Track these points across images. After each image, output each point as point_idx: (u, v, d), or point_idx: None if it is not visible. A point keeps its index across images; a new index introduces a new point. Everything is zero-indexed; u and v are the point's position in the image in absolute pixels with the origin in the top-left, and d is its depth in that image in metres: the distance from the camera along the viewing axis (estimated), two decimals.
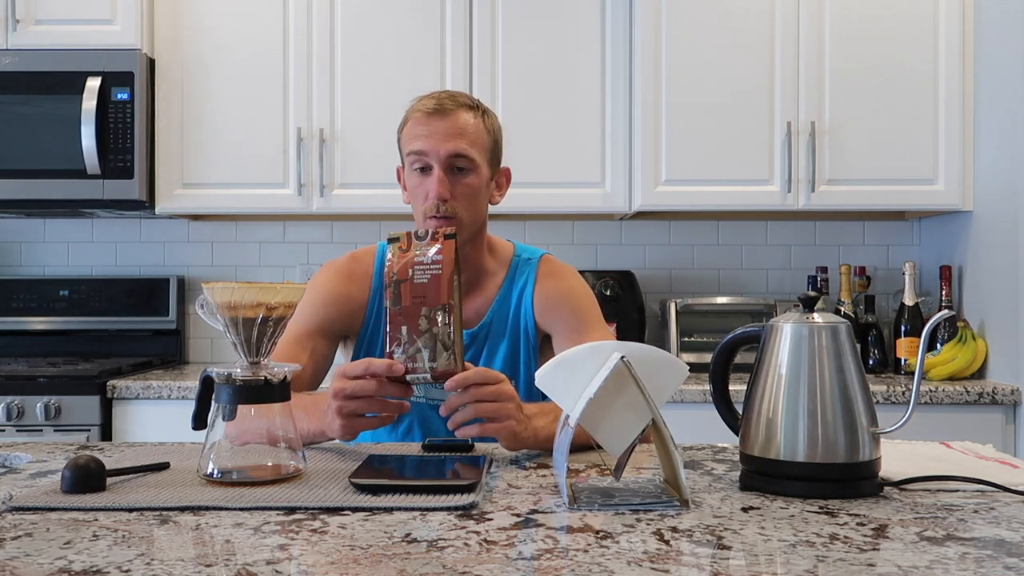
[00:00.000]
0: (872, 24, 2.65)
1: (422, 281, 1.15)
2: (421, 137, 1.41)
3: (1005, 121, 2.48)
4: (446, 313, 1.13)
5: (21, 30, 2.68)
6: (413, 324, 1.14)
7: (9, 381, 2.45)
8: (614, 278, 2.80)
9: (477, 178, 1.44)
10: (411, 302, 1.14)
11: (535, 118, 2.70)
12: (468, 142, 1.42)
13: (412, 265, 1.16)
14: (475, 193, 1.44)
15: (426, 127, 1.41)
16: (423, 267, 1.16)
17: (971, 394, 2.36)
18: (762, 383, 1.02)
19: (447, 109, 1.42)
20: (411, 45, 2.72)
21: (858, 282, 2.82)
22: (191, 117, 2.74)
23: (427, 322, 1.14)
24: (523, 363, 1.50)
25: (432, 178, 1.41)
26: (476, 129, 1.44)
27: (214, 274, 3.05)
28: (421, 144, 1.41)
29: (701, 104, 2.66)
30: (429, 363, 1.13)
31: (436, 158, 1.40)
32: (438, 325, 1.13)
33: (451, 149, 1.40)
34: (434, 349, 1.13)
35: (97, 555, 0.76)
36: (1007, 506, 0.94)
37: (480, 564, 0.74)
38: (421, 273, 1.15)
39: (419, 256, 1.16)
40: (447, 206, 1.40)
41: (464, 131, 1.42)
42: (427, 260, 1.16)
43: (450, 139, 1.41)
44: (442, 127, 1.41)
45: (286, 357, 1.39)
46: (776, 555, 0.77)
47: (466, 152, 1.42)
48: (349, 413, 1.14)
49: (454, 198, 1.41)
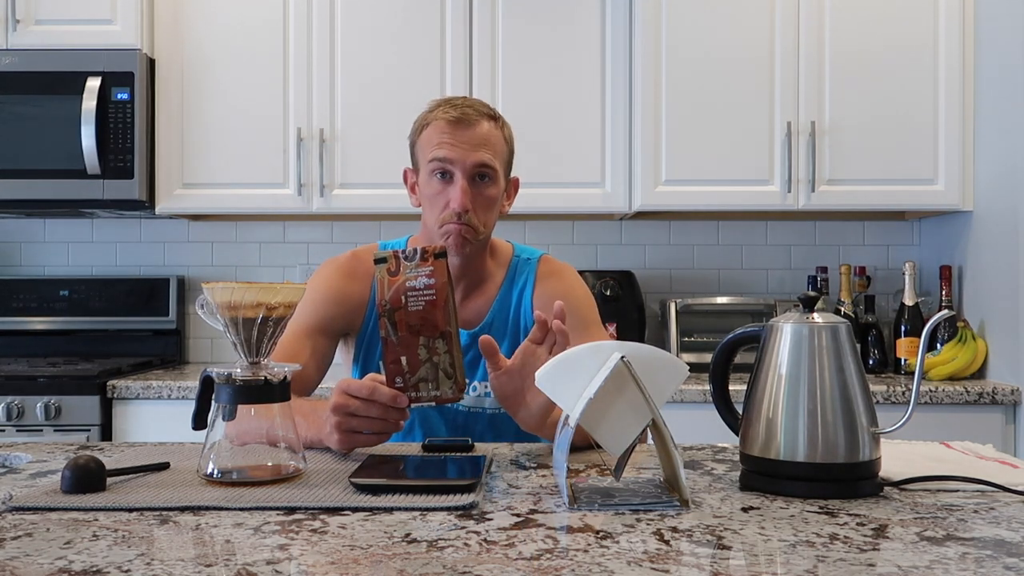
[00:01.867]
0: (872, 24, 2.65)
1: (417, 309, 1.12)
2: (446, 145, 1.41)
3: (1005, 121, 2.48)
4: (445, 340, 1.12)
5: (21, 30, 2.68)
6: (412, 354, 1.12)
7: (9, 381, 2.45)
8: (614, 278, 2.80)
9: (496, 189, 1.45)
10: (407, 332, 1.12)
11: (535, 118, 2.70)
12: (492, 153, 1.43)
13: (404, 292, 1.13)
14: (493, 204, 1.46)
15: (451, 136, 1.41)
16: (416, 293, 1.13)
17: (971, 394, 2.36)
18: (762, 383, 1.02)
19: (471, 119, 1.42)
20: (411, 45, 2.72)
21: (858, 282, 2.82)
22: (191, 117, 2.74)
23: (427, 351, 1.12)
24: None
25: (456, 187, 1.40)
26: (497, 140, 1.45)
27: (214, 274, 3.05)
28: (447, 152, 1.41)
29: (701, 104, 2.67)
30: (432, 392, 1.12)
31: (462, 168, 1.40)
32: (439, 354, 1.12)
33: (477, 160, 1.41)
34: (436, 379, 1.12)
35: (97, 555, 0.76)
36: (1007, 506, 0.94)
37: (480, 564, 0.74)
38: (415, 300, 1.13)
39: (410, 281, 1.13)
40: (467, 216, 1.41)
41: (488, 141, 1.43)
42: (420, 286, 1.13)
43: (476, 149, 1.41)
44: (467, 136, 1.41)
45: (287, 354, 1.39)
46: (776, 555, 0.77)
47: (491, 163, 1.42)
48: (348, 430, 1.15)
49: (474, 210, 1.41)
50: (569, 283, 1.55)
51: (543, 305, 1.51)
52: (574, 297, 1.52)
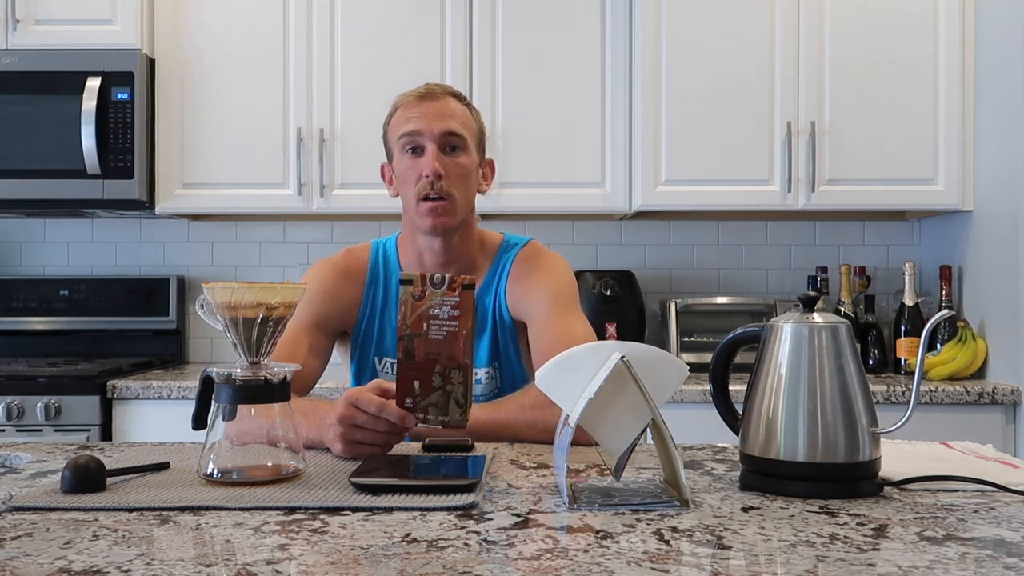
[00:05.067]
0: (872, 24, 2.65)
1: (437, 338, 1.10)
2: (414, 118, 1.44)
3: (1005, 121, 2.48)
4: (461, 372, 1.10)
5: (21, 30, 2.68)
6: (426, 380, 1.10)
7: (9, 381, 2.45)
8: (614, 278, 2.80)
9: (468, 159, 1.47)
10: (425, 358, 1.10)
11: (535, 118, 2.70)
12: (459, 123, 1.46)
13: (427, 319, 1.10)
14: (467, 173, 1.47)
15: (418, 109, 1.45)
16: (439, 323, 1.10)
17: (971, 394, 2.36)
18: (762, 383, 1.02)
19: (436, 94, 1.47)
20: (411, 45, 2.72)
21: (858, 282, 2.82)
22: (191, 117, 2.74)
23: (441, 379, 1.10)
24: (502, 351, 1.51)
25: (426, 157, 1.43)
26: (465, 115, 1.49)
27: (214, 274, 3.05)
28: (414, 124, 1.44)
29: (701, 104, 2.66)
30: (440, 417, 1.11)
31: (430, 136, 1.43)
32: (452, 384, 1.10)
33: (444, 127, 1.44)
34: (447, 407, 1.11)
35: (97, 555, 0.76)
36: (1007, 506, 0.94)
37: (480, 564, 0.74)
38: (436, 330, 1.10)
39: (435, 309, 1.10)
40: (441, 184, 1.42)
41: (455, 114, 1.47)
42: (443, 316, 1.10)
43: (443, 118, 1.44)
44: (434, 108, 1.45)
45: (285, 353, 1.39)
46: (776, 555, 0.77)
47: (458, 131, 1.45)
48: (352, 441, 1.15)
49: (447, 177, 1.43)
50: (549, 262, 1.53)
51: (514, 291, 1.50)
52: (554, 279, 1.50)
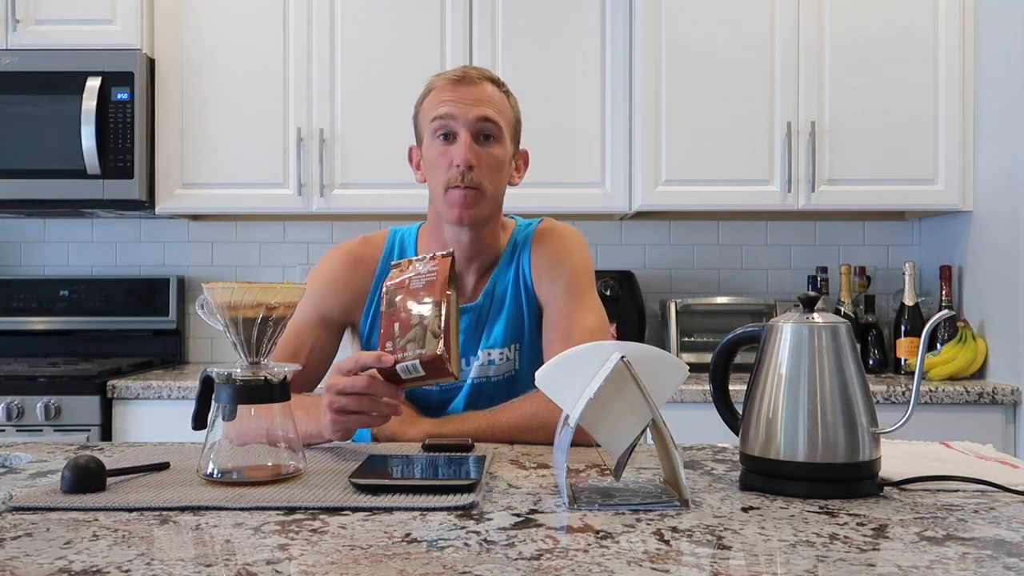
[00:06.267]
0: (872, 24, 2.65)
1: (417, 287, 1.18)
2: (448, 102, 1.38)
3: (1005, 121, 2.48)
4: (436, 306, 1.14)
5: (21, 30, 2.68)
6: (405, 322, 1.14)
7: (9, 381, 2.45)
8: (614, 278, 2.80)
9: (503, 149, 1.42)
10: (404, 304, 1.16)
11: (535, 118, 2.68)
12: (495, 110, 1.40)
13: (409, 277, 1.20)
14: (500, 165, 1.42)
15: (452, 93, 1.39)
16: (419, 276, 1.19)
17: (971, 394, 2.36)
18: (762, 383, 1.02)
19: (472, 78, 1.41)
20: (411, 45, 2.72)
21: (858, 282, 2.82)
22: (191, 117, 2.74)
23: (419, 317, 1.14)
24: (527, 331, 1.46)
25: (459, 144, 1.37)
26: (502, 102, 1.43)
27: (214, 274, 3.05)
28: (448, 108, 1.38)
29: (701, 104, 2.67)
30: (417, 350, 1.12)
31: (464, 122, 1.38)
32: (428, 317, 1.14)
33: (480, 113, 1.38)
34: (423, 339, 1.13)
35: (97, 555, 0.76)
36: (1007, 506, 0.94)
37: (480, 564, 0.74)
38: (417, 281, 1.19)
39: (415, 269, 1.21)
40: (472, 175, 1.37)
41: (492, 100, 1.41)
42: (423, 271, 1.20)
43: (478, 104, 1.39)
44: (470, 93, 1.39)
45: (287, 350, 1.39)
46: (776, 555, 0.77)
47: (494, 118, 1.39)
48: (340, 409, 1.14)
49: (479, 168, 1.38)
50: (564, 244, 1.48)
51: (539, 267, 1.46)
52: (568, 263, 1.46)
